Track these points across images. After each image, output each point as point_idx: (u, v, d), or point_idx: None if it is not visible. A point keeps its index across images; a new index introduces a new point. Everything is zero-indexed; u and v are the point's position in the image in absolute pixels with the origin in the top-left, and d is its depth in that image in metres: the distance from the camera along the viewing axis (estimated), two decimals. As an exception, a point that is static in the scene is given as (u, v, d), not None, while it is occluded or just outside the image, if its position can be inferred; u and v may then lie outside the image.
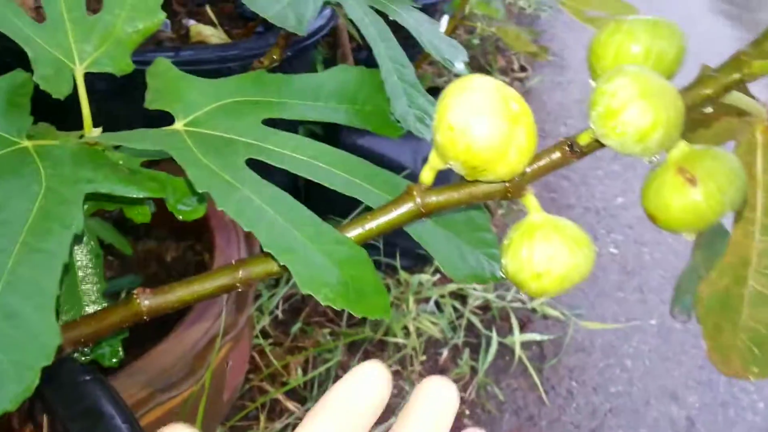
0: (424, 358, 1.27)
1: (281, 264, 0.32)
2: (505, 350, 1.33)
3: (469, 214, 0.41)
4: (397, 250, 1.37)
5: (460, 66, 0.51)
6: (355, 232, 0.37)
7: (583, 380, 1.32)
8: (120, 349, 0.42)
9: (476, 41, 2.49)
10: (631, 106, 0.32)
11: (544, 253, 0.36)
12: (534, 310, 1.42)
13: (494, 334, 1.32)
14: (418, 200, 0.37)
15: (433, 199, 0.37)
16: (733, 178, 0.34)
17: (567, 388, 1.30)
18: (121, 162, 0.39)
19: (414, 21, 0.51)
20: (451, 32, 1.19)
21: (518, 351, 1.30)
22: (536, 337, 1.35)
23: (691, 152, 0.36)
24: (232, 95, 0.42)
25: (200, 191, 0.33)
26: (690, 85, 0.35)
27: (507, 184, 0.36)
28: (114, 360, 0.42)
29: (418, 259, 1.42)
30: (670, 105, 0.32)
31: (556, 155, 0.36)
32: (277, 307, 1.25)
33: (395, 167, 1.37)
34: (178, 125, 0.39)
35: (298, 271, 0.32)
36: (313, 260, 0.33)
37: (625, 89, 0.32)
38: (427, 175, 0.37)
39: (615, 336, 1.42)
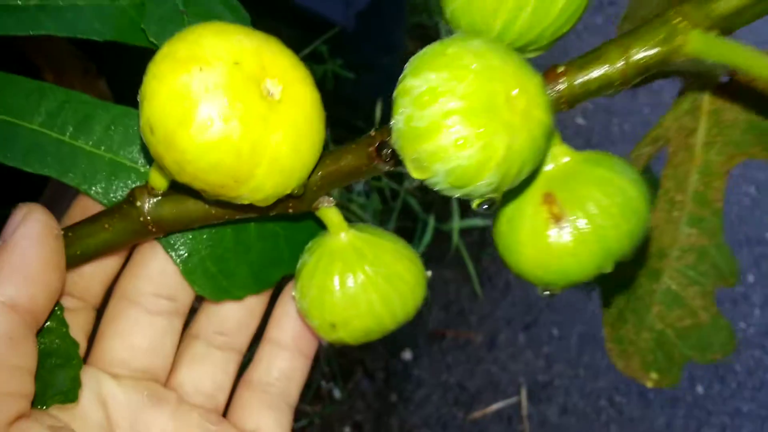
0: (348, 245, 1.19)
1: None
2: (442, 237, 1.25)
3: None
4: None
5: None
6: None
7: (524, 271, 1.26)
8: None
9: None
10: (446, 133, 0.18)
11: (341, 297, 0.25)
12: (481, 191, 1.32)
13: (431, 220, 1.23)
14: (146, 213, 0.24)
15: (169, 211, 0.24)
16: (622, 219, 0.22)
17: (505, 279, 1.24)
18: None
19: None
20: None
21: (456, 239, 1.23)
22: (478, 222, 1.27)
23: (572, 167, 0.23)
24: None
25: None
26: (584, 57, 0.22)
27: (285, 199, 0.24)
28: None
29: (353, 131, 1.29)
30: (519, 126, 0.19)
31: (356, 160, 0.23)
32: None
33: (319, 23, 1.19)
34: None
35: None
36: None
37: (440, 96, 0.18)
38: (157, 177, 0.24)
39: (566, 223, 1.35)
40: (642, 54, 0.21)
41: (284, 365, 0.29)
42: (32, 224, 0.22)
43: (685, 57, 0.20)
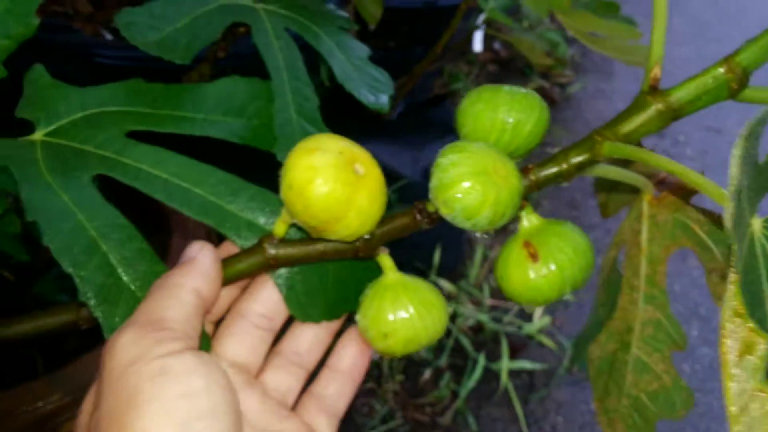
0: (402, 377, 1.29)
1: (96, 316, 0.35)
2: (491, 376, 1.34)
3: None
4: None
5: (383, 99, 0.53)
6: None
7: (571, 416, 1.31)
8: None
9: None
10: (459, 184, 0.33)
11: (391, 314, 0.38)
12: (530, 336, 1.42)
13: (482, 358, 1.33)
14: (270, 252, 0.39)
15: (284, 251, 0.39)
16: (575, 259, 0.36)
17: (552, 423, 1.30)
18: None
19: (333, 46, 0.53)
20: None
21: (504, 378, 1.31)
22: (527, 365, 1.35)
23: (541, 226, 0.37)
24: (101, 105, 0.43)
25: (29, 219, 0.36)
26: (543, 161, 0.37)
27: (358, 243, 0.38)
28: None
29: (415, 272, 1.43)
30: (502, 185, 0.33)
31: (405, 219, 0.38)
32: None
33: (392, 175, 1.39)
34: (37, 135, 0.41)
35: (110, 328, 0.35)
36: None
37: (456, 166, 0.33)
38: (279, 228, 0.39)
39: (614, 372, 1.41)
40: (577, 159, 0.35)
41: (338, 385, 0.42)
42: (208, 251, 0.37)
43: (602, 158, 0.35)
